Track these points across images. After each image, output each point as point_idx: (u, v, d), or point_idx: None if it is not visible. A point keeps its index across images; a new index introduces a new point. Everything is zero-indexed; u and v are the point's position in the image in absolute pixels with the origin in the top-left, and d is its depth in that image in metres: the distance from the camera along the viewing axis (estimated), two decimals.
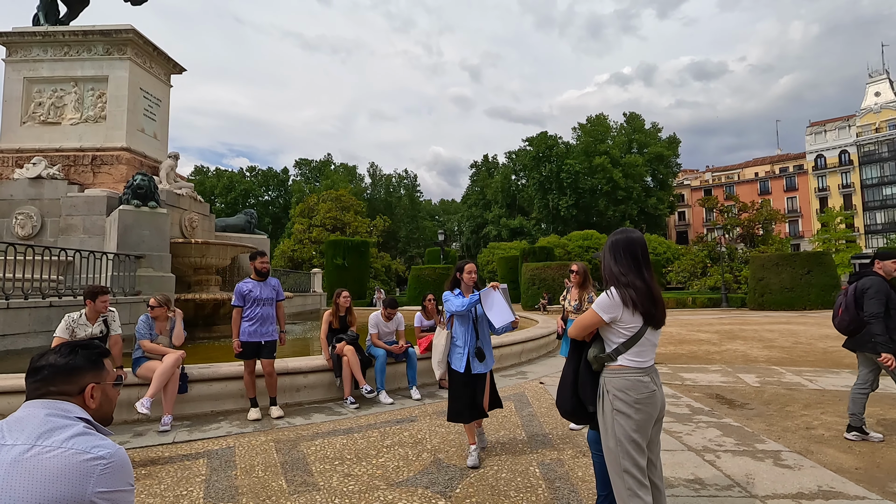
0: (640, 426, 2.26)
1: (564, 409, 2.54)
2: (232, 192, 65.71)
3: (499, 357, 7.98)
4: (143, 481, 3.59)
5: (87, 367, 1.42)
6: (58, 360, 1.39)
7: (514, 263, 35.02)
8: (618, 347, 2.31)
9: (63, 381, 1.39)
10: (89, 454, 1.21)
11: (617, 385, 2.29)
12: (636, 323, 2.29)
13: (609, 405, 2.30)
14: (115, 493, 1.23)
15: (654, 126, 61.15)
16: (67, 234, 11.34)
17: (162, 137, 14.52)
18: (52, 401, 1.33)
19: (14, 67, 12.99)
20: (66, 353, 1.42)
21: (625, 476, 2.24)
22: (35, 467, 1.17)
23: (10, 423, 1.28)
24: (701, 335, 13.05)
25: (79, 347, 1.45)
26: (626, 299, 2.28)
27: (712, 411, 5.46)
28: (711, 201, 42.90)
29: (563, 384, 2.54)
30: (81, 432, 1.26)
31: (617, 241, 2.41)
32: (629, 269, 2.33)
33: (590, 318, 2.37)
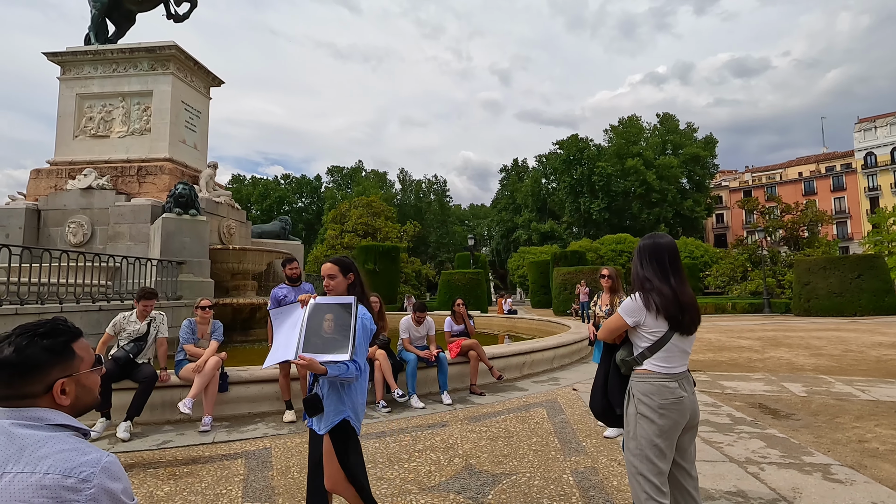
0: (664, 432, 2.24)
1: (595, 411, 2.59)
2: (267, 199, 67.56)
3: (530, 363, 7.92)
4: (185, 479, 3.72)
5: (51, 359, 1.12)
6: (10, 356, 1.09)
7: (545, 268, 34.61)
8: (643, 352, 2.32)
9: (21, 381, 1.10)
10: (72, 477, 1.01)
11: (642, 389, 2.30)
12: (660, 328, 2.28)
13: (633, 408, 2.32)
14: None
15: (690, 126, 59.48)
16: (115, 241, 11.92)
17: (202, 148, 15.11)
18: (20, 409, 1.08)
19: (67, 85, 13.80)
20: (20, 343, 1.11)
21: (641, 480, 2.23)
22: (9, 502, 0.97)
23: None
24: (742, 342, 12.55)
25: (36, 335, 1.13)
26: (648, 304, 2.28)
27: (755, 421, 5.24)
28: (752, 203, 41.23)
29: (595, 385, 2.58)
30: (63, 448, 1.04)
31: (644, 246, 2.42)
32: (654, 274, 2.33)
33: (615, 322, 2.41)
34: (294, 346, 2.43)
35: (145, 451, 4.39)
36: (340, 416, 2.46)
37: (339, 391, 2.48)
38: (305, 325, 2.47)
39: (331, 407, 2.48)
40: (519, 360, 7.74)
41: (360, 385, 2.54)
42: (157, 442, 4.61)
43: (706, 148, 57.06)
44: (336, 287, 2.60)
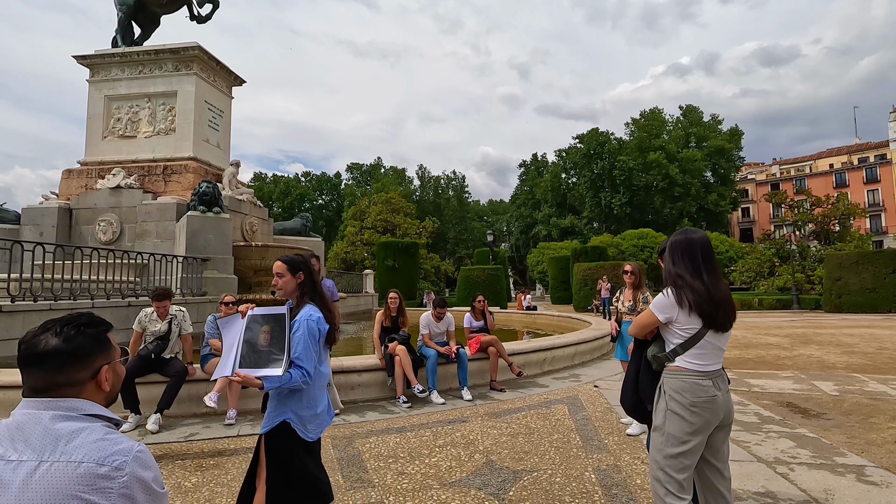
0: (695, 431, 2.20)
1: (626, 407, 2.57)
2: (288, 196, 68.52)
3: (550, 360, 7.86)
4: (211, 471, 3.81)
5: (96, 347, 1.19)
6: (62, 345, 1.14)
7: (565, 264, 34.28)
8: (675, 349, 2.27)
9: (74, 368, 1.16)
10: (105, 465, 1.04)
11: (674, 386, 2.25)
12: (693, 325, 2.23)
13: (664, 404, 2.27)
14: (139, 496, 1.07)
15: (714, 118, 58.05)
16: (143, 238, 12.24)
17: (224, 146, 15.39)
18: (56, 399, 1.12)
19: (96, 87, 14.20)
20: (69, 332, 1.16)
21: (663, 476, 2.20)
22: (47, 490, 1.00)
23: (11, 432, 1.08)
24: (770, 339, 12.23)
25: (81, 325, 1.19)
26: (681, 300, 2.23)
27: (784, 420, 5.10)
28: (779, 196, 40.04)
29: (626, 381, 2.55)
30: (97, 438, 1.08)
31: (676, 242, 2.36)
32: (687, 270, 2.27)
33: (647, 318, 2.37)
34: (231, 362, 2.39)
35: (173, 443, 4.50)
36: (279, 417, 2.40)
37: (283, 394, 2.43)
38: (242, 339, 2.43)
39: (273, 407, 2.42)
40: (539, 356, 7.69)
41: (309, 391, 2.44)
42: (184, 434, 4.73)
43: (731, 140, 55.65)
44: (285, 286, 2.55)
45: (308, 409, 2.43)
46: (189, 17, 15.54)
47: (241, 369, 2.35)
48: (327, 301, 2.59)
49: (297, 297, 2.55)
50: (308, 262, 2.63)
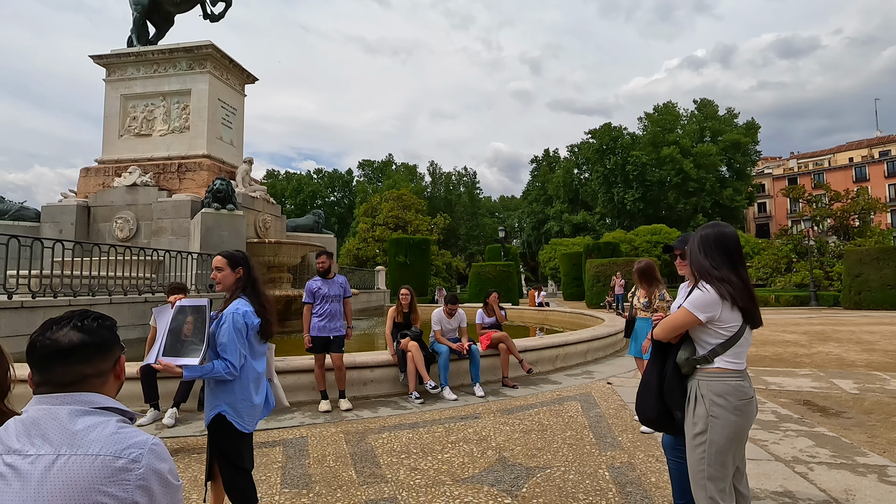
0: (738, 434, 2.11)
1: (647, 417, 2.37)
2: (301, 193, 68.96)
3: (563, 356, 7.82)
4: None
5: (116, 338, 1.23)
6: (88, 338, 1.16)
7: (578, 260, 34.06)
8: (715, 349, 2.13)
9: (100, 359, 1.18)
10: (122, 458, 1.06)
11: (715, 389, 2.11)
12: (735, 321, 2.11)
13: (704, 410, 2.13)
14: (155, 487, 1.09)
15: (730, 112, 57.06)
16: (158, 235, 12.42)
17: (238, 144, 15.52)
18: (70, 394, 1.13)
19: (113, 86, 14.40)
20: (91, 326, 1.18)
21: (710, 485, 2.09)
22: (66, 483, 1.01)
23: (27, 427, 1.08)
24: (787, 336, 12.03)
25: (96, 318, 1.21)
26: (723, 293, 2.09)
27: (802, 419, 5.01)
28: (797, 191, 39.28)
29: (646, 389, 2.37)
30: (112, 431, 1.09)
31: (707, 234, 2.23)
32: (722, 263, 2.16)
33: (683, 319, 2.18)
34: (157, 350, 2.48)
35: (189, 436, 4.57)
36: (215, 409, 2.52)
37: (215, 386, 2.53)
38: (168, 328, 2.51)
39: (208, 401, 2.56)
40: (552, 352, 7.65)
41: (241, 383, 2.52)
42: (199, 428, 4.79)
43: (748, 134, 54.67)
44: (223, 280, 2.64)
45: (242, 402, 2.52)
46: (202, 15, 15.68)
47: (163, 357, 2.44)
48: (264, 296, 2.67)
49: (232, 290, 2.64)
50: (248, 258, 2.75)
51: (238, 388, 2.52)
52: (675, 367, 2.26)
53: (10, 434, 1.08)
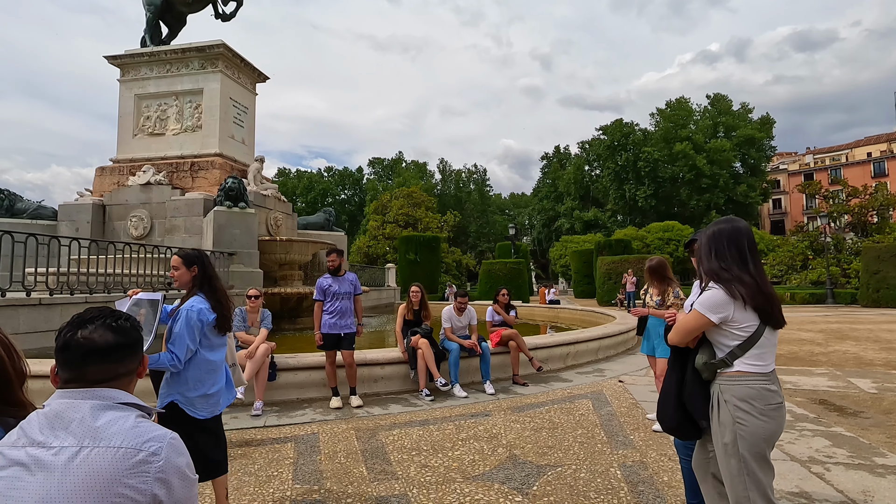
0: (768, 440, 1.99)
1: (668, 425, 2.27)
2: (311, 191, 69.34)
3: (574, 354, 7.78)
4: (239, 460, 3.90)
5: (141, 338, 1.28)
6: (122, 339, 1.21)
7: (589, 257, 33.86)
8: (733, 351, 2.03)
9: (131, 359, 1.24)
10: (143, 451, 1.09)
11: (738, 394, 2.01)
12: (751, 321, 2.00)
13: (729, 417, 2.01)
14: (174, 481, 1.12)
15: (744, 107, 56.20)
16: (172, 233, 12.57)
17: (249, 142, 15.64)
18: (92, 389, 1.16)
19: (127, 86, 14.59)
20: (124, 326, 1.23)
21: (752, 495, 1.97)
22: (88, 474, 1.04)
23: (50, 420, 1.11)
24: (803, 334, 11.85)
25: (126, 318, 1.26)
26: (733, 293, 1.99)
27: (818, 419, 4.93)
28: (813, 187, 38.58)
29: (666, 396, 2.26)
30: (132, 425, 1.13)
31: (720, 230, 2.12)
32: (733, 262, 2.05)
33: (693, 322, 2.09)
34: None
35: None
36: (167, 398, 2.68)
37: (170, 377, 2.71)
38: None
39: (163, 389, 2.73)
40: (562, 350, 7.62)
41: (191, 374, 2.67)
42: None
43: (762, 129, 53.82)
44: (180, 278, 2.83)
45: (194, 391, 2.68)
46: (214, 15, 15.80)
47: None
48: (220, 293, 2.83)
49: (189, 288, 2.83)
50: (204, 257, 2.92)
51: (191, 378, 2.68)
52: (694, 373, 2.14)
53: (33, 426, 1.11)
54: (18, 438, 1.10)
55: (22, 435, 1.11)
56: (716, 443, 2.09)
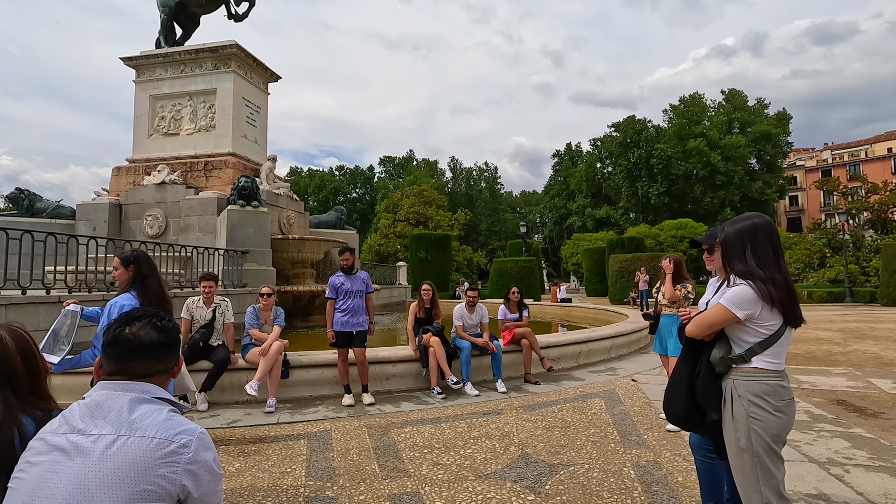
0: (781, 436, 2.02)
1: (676, 416, 2.27)
2: (323, 190, 69.73)
3: (586, 352, 7.73)
4: (253, 457, 3.94)
5: (179, 339, 1.37)
6: (164, 337, 1.32)
7: (601, 255, 33.59)
8: (752, 348, 2.03)
9: (170, 357, 1.34)
10: (174, 442, 1.16)
11: (753, 390, 2.02)
12: (775, 321, 2.01)
13: (742, 412, 2.02)
14: (203, 474, 1.19)
15: (760, 102, 55.25)
16: (186, 232, 12.72)
17: (261, 142, 15.76)
18: (131, 383, 1.25)
19: (142, 87, 14.78)
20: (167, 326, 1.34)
21: (764, 490, 1.99)
22: (123, 461, 1.11)
23: (91, 410, 1.20)
24: (820, 333, 11.64)
25: (168, 319, 1.37)
26: (765, 295, 1.98)
27: (837, 419, 4.84)
28: (831, 183, 37.84)
29: (676, 388, 2.25)
30: (165, 417, 1.21)
31: (755, 226, 2.09)
32: (769, 260, 2.03)
33: (720, 316, 2.07)
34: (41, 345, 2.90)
35: (217, 428, 4.68)
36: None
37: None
38: (53, 327, 2.95)
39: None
40: (574, 349, 7.57)
41: None
42: (227, 421, 4.90)
43: (778, 125, 52.88)
44: (119, 277, 3.09)
45: None
46: (227, 15, 15.94)
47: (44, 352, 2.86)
48: (151, 292, 3.05)
49: (124, 286, 3.06)
50: (141, 257, 3.14)
51: None
52: (708, 366, 2.15)
53: (74, 415, 1.20)
54: (60, 426, 1.18)
55: (63, 423, 1.19)
56: (727, 437, 2.09)
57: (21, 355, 1.40)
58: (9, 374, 1.35)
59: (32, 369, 1.41)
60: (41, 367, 1.44)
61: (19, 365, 1.38)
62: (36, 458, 1.15)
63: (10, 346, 1.39)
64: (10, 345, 1.39)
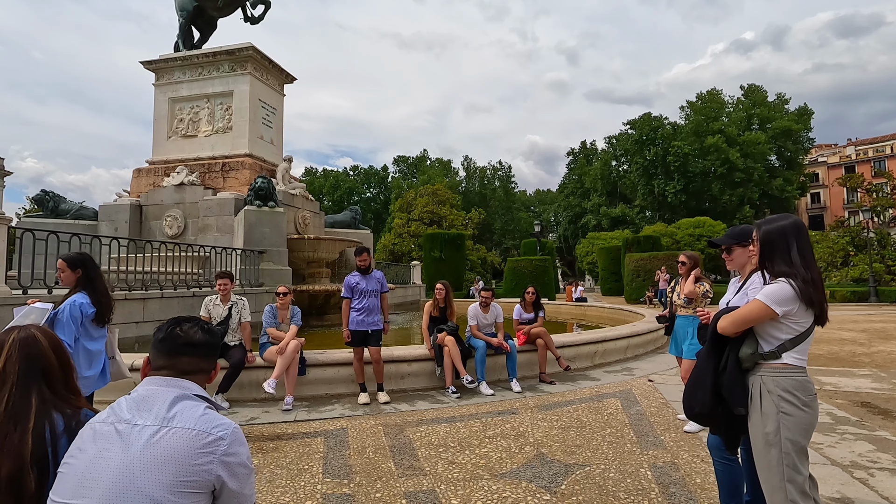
0: (808, 431, 2.07)
1: (700, 413, 2.26)
2: (338, 190, 70.25)
3: (601, 352, 7.68)
4: (271, 454, 4.00)
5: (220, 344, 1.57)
6: (210, 338, 1.46)
7: (616, 254, 33.26)
8: (784, 344, 2.07)
9: (212, 357, 1.48)
10: (211, 435, 1.25)
11: (784, 385, 2.06)
12: (808, 319, 2.07)
13: (773, 407, 2.05)
14: (236, 466, 1.27)
15: (780, 97, 54.10)
16: (204, 232, 12.93)
17: (277, 142, 15.94)
18: (175, 379, 1.36)
19: (161, 90, 15.06)
20: (212, 329, 1.50)
21: (788, 487, 2.01)
22: (165, 449, 1.21)
23: (138, 402, 1.30)
24: (844, 334, 11.38)
25: (207, 324, 1.51)
26: (805, 295, 2.03)
27: (861, 422, 4.73)
28: (855, 179, 36.95)
29: (699, 384, 2.24)
30: (203, 412, 1.30)
31: (797, 225, 2.15)
32: (812, 260, 2.11)
33: (758, 312, 2.07)
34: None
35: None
36: None
37: None
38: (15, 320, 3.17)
39: None
40: (590, 349, 7.52)
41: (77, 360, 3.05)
42: (246, 418, 4.98)
43: (799, 120, 51.71)
44: (66, 279, 3.33)
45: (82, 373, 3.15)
46: (243, 18, 16.15)
47: None
48: (99, 292, 3.31)
49: (73, 286, 3.31)
50: (88, 260, 3.39)
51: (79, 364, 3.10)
52: (736, 362, 2.16)
53: (122, 406, 1.31)
54: (108, 416, 1.30)
55: (111, 413, 1.30)
56: (754, 433, 2.12)
57: (54, 352, 1.48)
58: (44, 370, 1.43)
59: (65, 365, 1.49)
60: (71, 364, 1.52)
61: (53, 361, 1.46)
62: (85, 445, 1.24)
63: (45, 344, 1.46)
64: (44, 342, 1.46)
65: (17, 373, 1.38)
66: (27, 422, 1.33)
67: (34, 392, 1.38)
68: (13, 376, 1.37)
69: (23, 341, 1.43)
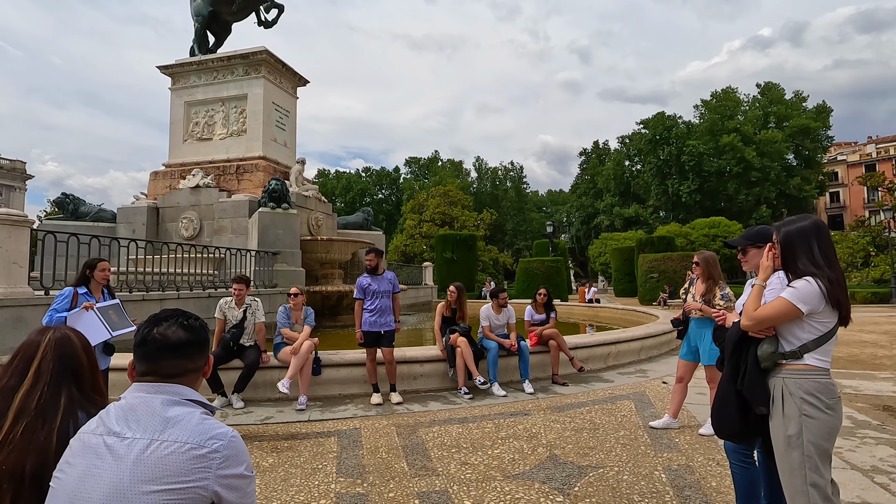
0: (832, 434, 2.02)
1: (730, 432, 2.23)
2: (350, 191, 70.67)
3: (615, 354, 7.62)
4: (285, 453, 4.04)
5: (209, 338, 1.40)
6: (192, 336, 1.33)
7: (630, 255, 32.98)
8: (806, 344, 2.03)
9: (199, 356, 1.35)
10: (205, 447, 1.18)
11: (806, 387, 2.01)
12: (831, 319, 2.03)
13: (795, 410, 2.01)
14: (234, 479, 1.20)
15: (798, 95, 53.16)
16: (219, 234, 13.11)
17: (291, 145, 16.10)
18: (164, 385, 1.27)
19: (177, 94, 15.30)
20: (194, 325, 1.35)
21: (811, 491, 1.96)
22: (157, 466, 1.14)
23: (125, 413, 1.22)
24: (864, 336, 11.14)
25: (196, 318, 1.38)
26: (831, 295, 2.00)
27: (882, 426, 4.63)
28: (876, 178, 36.07)
29: (724, 402, 2.21)
30: (198, 421, 1.23)
31: (818, 226, 2.12)
32: (834, 260, 2.08)
33: (784, 310, 2.02)
34: (104, 330, 3.91)
35: (251, 425, 4.82)
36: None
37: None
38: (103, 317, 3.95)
39: None
40: (603, 350, 7.47)
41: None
42: (260, 417, 5.04)
43: (818, 118, 50.76)
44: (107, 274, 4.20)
45: None
46: (257, 22, 16.35)
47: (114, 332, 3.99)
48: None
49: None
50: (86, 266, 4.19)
51: None
52: (755, 362, 2.12)
53: (111, 417, 1.23)
54: (97, 427, 1.22)
55: (100, 424, 1.23)
56: (776, 436, 2.07)
57: (86, 353, 1.51)
58: (74, 369, 1.46)
59: (93, 366, 1.51)
60: (98, 366, 1.55)
61: (85, 362, 1.48)
62: (74, 459, 1.19)
63: (77, 344, 1.49)
64: (77, 343, 1.49)
65: (50, 371, 1.41)
66: (54, 420, 1.35)
67: (64, 391, 1.41)
68: (47, 375, 1.40)
69: (58, 341, 1.46)
